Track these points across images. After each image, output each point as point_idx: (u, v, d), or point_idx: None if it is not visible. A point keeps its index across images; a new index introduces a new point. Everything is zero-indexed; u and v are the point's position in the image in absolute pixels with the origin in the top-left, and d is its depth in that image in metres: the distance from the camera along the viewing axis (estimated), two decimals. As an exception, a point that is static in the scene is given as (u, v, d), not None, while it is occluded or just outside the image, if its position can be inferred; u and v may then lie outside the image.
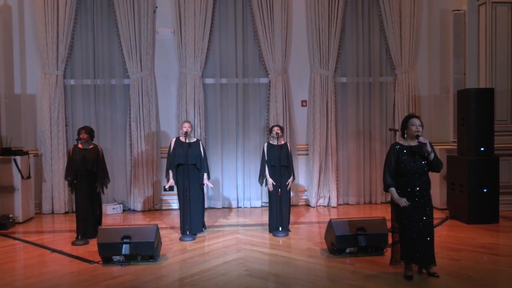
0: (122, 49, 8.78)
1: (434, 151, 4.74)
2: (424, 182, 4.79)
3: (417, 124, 4.76)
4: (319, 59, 8.99)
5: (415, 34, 9.09)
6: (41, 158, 8.64)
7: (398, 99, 9.13)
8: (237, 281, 4.89)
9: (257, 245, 6.32)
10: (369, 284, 4.73)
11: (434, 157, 4.69)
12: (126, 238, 5.46)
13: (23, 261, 5.88)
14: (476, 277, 4.90)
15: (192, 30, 8.75)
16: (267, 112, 9.08)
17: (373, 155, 9.24)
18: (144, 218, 8.30)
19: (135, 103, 8.78)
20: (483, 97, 7.40)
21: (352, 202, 9.23)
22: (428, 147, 4.67)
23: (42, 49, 8.58)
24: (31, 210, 8.31)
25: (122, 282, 4.92)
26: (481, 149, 7.34)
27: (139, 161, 8.80)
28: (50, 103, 8.60)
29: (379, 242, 5.70)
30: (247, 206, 9.13)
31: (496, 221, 7.30)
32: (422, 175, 4.77)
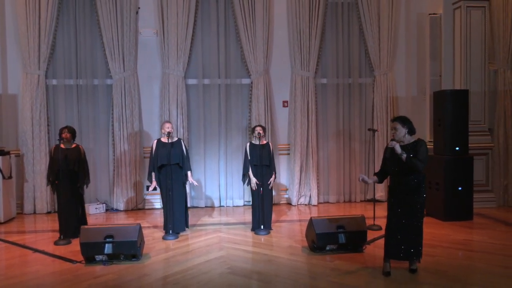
0: (105, 49, 8.67)
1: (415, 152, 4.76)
2: (407, 181, 4.82)
3: (393, 127, 4.91)
4: (300, 61, 9.03)
5: (393, 37, 9.20)
6: (23, 158, 8.49)
7: (377, 100, 9.23)
8: (219, 279, 4.89)
9: (239, 243, 6.33)
10: (348, 280, 4.78)
11: (407, 157, 4.71)
12: (108, 238, 5.41)
13: (4, 262, 5.76)
14: (451, 273, 5.00)
15: (175, 31, 8.71)
16: (249, 113, 9.09)
17: (353, 155, 9.32)
18: (127, 218, 8.22)
19: (118, 103, 8.69)
20: (458, 98, 7.53)
21: (332, 200, 9.30)
22: (397, 150, 4.74)
23: (24, 48, 8.44)
24: (13, 210, 8.16)
25: (105, 281, 4.88)
26: (456, 149, 7.47)
27: (122, 161, 8.72)
28: (32, 103, 8.46)
29: (358, 239, 5.75)
30: (230, 205, 9.13)
31: (470, 218, 7.44)
32: (404, 175, 4.82)
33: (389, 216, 4.98)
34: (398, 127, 4.86)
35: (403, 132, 4.86)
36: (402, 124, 4.87)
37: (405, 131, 4.86)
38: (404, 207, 4.85)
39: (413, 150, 4.77)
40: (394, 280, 4.77)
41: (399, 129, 4.85)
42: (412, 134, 4.91)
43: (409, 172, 4.80)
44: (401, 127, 4.85)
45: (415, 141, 4.88)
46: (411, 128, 4.90)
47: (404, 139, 4.87)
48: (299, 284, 4.74)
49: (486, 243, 6.16)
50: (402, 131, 4.86)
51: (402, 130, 4.86)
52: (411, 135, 4.90)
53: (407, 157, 4.72)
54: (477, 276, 4.96)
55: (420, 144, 4.83)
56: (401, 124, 4.87)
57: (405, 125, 4.86)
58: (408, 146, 4.82)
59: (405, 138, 4.87)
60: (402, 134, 4.86)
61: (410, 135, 4.89)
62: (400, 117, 5.01)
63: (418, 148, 4.79)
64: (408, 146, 4.82)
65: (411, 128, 4.89)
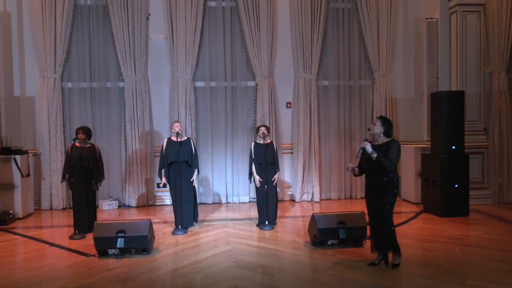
0: (117, 54, 8.70)
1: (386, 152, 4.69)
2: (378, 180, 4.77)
3: (374, 122, 4.92)
4: (302, 64, 9.00)
5: (392, 41, 9.15)
6: (40, 157, 8.53)
7: (376, 101, 9.19)
8: (225, 272, 4.88)
9: (245, 238, 6.32)
10: (349, 274, 4.76)
11: (377, 157, 4.66)
12: (121, 233, 5.42)
13: (22, 255, 5.81)
14: (447, 266, 4.95)
15: (183, 36, 8.71)
16: (254, 113, 9.08)
17: (353, 154, 9.25)
18: (139, 214, 8.24)
19: (130, 104, 8.71)
20: (454, 99, 7.48)
21: (334, 197, 9.27)
22: (367, 149, 4.72)
23: (40, 53, 8.48)
24: (30, 206, 8.21)
25: (117, 274, 4.88)
26: (452, 148, 7.41)
27: (133, 159, 8.74)
28: (48, 105, 8.49)
29: (358, 234, 5.73)
30: (236, 201, 9.12)
31: (467, 214, 7.38)
32: (375, 174, 4.78)
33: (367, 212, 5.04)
34: (378, 124, 4.82)
35: (380, 130, 4.79)
36: (382, 123, 4.81)
37: (382, 130, 4.79)
38: (374, 205, 4.85)
39: (385, 150, 4.70)
40: (392, 274, 4.74)
41: (377, 125, 4.81)
42: (388, 136, 4.81)
43: (379, 172, 4.72)
44: (380, 125, 4.80)
45: (388, 141, 4.79)
46: (388, 130, 4.81)
47: (379, 139, 4.82)
48: (302, 277, 4.72)
49: (482, 238, 6.11)
50: (379, 129, 4.80)
51: (380, 128, 4.80)
52: (386, 136, 4.80)
53: (377, 156, 4.66)
54: (473, 270, 4.92)
55: (392, 144, 4.74)
56: (382, 122, 4.82)
57: (383, 125, 4.79)
58: (382, 146, 4.75)
59: (380, 138, 4.81)
60: (378, 131, 4.80)
61: (386, 137, 4.80)
62: (384, 117, 4.95)
63: (389, 148, 4.70)
64: (382, 145, 4.76)
65: (388, 130, 4.81)
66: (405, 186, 8.88)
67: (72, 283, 4.62)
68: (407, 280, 4.58)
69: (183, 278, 4.72)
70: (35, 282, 4.68)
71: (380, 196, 4.77)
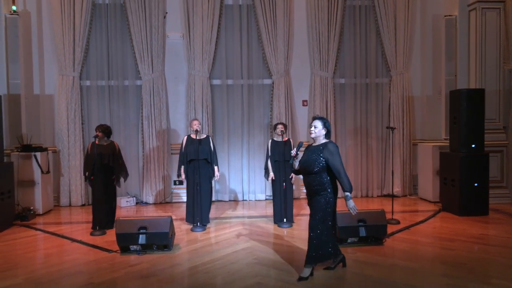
0: (135, 52, 8.76)
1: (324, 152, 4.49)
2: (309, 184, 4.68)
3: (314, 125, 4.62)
4: (319, 62, 8.99)
5: (409, 38, 9.09)
6: (59, 154, 8.64)
7: (393, 99, 9.14)
8: (247, 268, 4.91)
9: (263, 236, 6.34)
10: (370, 271, 4.75)
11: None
12: (142, 229, 5.47)
13: (45, 250, 5.88)
14: (470, 265, 4.93)
15: (200, 34, 8.74)
16: (270, 111, 9.09)
17: (370, 152, 9.25)
18: (156, 210, 8.30)
19: (147, 102, 8.77)
20: (474, 97, 7.40)
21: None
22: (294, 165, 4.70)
23: (59, 52, 8.57)
24: (50, 203, 8.32)
25: (139, 269, 4.93)
26: (472, 146, 7.35)
27: (150, 157, 8.80)
28: (67, 103, 8.59)
29: (378, 232, 5.71)
30: (252, 199, 9.14)
31: (486, 213, 7.32)
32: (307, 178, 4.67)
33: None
34: (318, 126, 4.57)
35: (322, 132, 4.57)
36: (323, 124, 4.58)
37: (324, 133, 4.58)
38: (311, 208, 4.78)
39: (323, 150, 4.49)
40: (413, 272, 4.73)
41: (318, 127, 4.56)
42: (328, 138, 4.63)
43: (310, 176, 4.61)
44: (321, 127, 4.57)
45: (325, 142, 4.57)
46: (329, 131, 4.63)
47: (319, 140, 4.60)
48: (322, 274, 4.72)
49: (503, 237, 6.05)
50: (321, 132, 4.57)
51: (321, 130, 4.56)
52: (327, 138, 4.62)
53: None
54: (497, 269, 4.88)
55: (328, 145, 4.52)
56: (322, 124, 4.58)
57: (325, 127, 4.59)
58: (320, 146, 4.54)
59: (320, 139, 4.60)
60: (320, 134, 4.58)
61: (326, 138, 4.61)
62: (322, 118, 4.66)
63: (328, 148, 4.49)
64: (320, 146, 4.54)
65: (329, 132, 4.63)
66: (422, 185, 8.84)
67: (96, 278, 4.68)
68: (430, 279, 4.55)
69: (205, 275, 4.75)
70: (60, 276, 4.75)
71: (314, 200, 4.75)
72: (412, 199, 8.99)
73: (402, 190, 9.12)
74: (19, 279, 4.68)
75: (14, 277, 4.76)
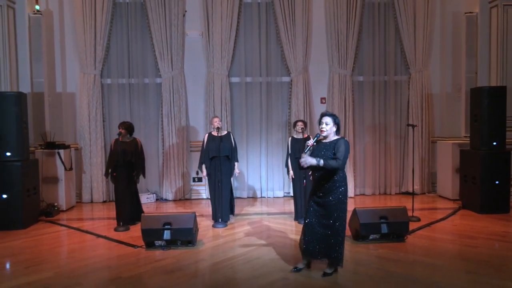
0: (155, 51, 8.88)
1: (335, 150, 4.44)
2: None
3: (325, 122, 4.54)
4: (337, 59, 9.02)
5: (429, 35, 9.07)
6: (81, 151, 8.81)
7: (412, 97, 9.14)
8: (271, 264, 4.98)
9: (284, 232, 6.41)
10: (394, 268, 4.79)
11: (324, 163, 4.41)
12: (167, 225, 5.57)
13: (71, 246, 6.02)
14: (493, 263, 4.94)
15: (219, 32, 8.83)
16: (289, 109, 9.15)
17: (388, 149, 9.27)
18: (176, 207, 8.43)
19: (167, 100, 8.89)
20: (496, 94, 7.37)
21: (368, 193, 9.28)
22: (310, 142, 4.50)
23: (81, 50, 8.72)
24: (73, 199, 8.50)
25: (166, 264, 5.04)
26: (494, 144, 7.33)
27: (170, 154, 8.93)
28: (88, 100, 8.75)
29: (400, 229, 5.75)
30: (270, 196, 9.23)
31: (507, 211, 7.30)
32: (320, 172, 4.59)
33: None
34: (330, 123, 4.51)
35: (333, 129, 4.53)
36: (333, 121, 4.54)
37: (334, 129, 4.54)
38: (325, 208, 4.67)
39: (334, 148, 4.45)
40: (436, 269, 4.76)
41: (330, 124, 4.51)
42: (338, 134, 4.60)
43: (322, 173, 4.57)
44: (332, 124, 4.52)
45: (338, 138, 4.53)
46: (339, 127, 4.60)
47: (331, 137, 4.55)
48: (346, 270, 4.77)
49: (525, 235, 6.06)
50: (332, 128, 4.52)
51: (332, 127, 4.52)
52: (337, 134, 4.58)
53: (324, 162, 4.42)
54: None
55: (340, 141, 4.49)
56: (333, 120, 4.54)
57: (335, 123, 4.55)
58: (333, 143, 4.49)
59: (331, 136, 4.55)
60: (332, 131, 4.53)
61: (337, 134, 4.57)
62: (332, 114, 4.62)
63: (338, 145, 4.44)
64: (333, 142, 4.50)
65: (339, 128, 4.60)
66: (441, 182, 8.83)
67: (125, 272, 4.79)
68: (454, 276, 4.58)
69: (230, 270, 4.85)
70: (89, 271, 4.88)
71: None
72: (431, 196, 8.99)
73: (420, 188, 9.12)
74: (49, 273, 4.81)
75: (45, 271, 4.89)
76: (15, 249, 5.80)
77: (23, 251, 5.67)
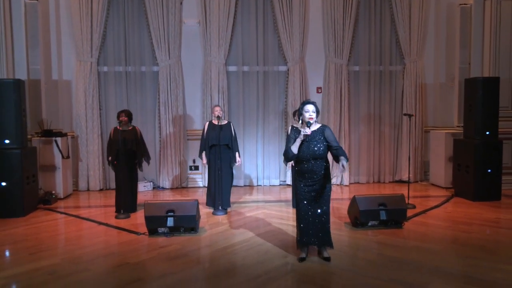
0: (152, 39, 8.83)
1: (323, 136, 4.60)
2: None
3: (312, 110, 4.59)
4: (333, 49, 9.08)
5: (423, 26, 9.17)
6: (77, 139, 8.76)
7: (406, 87, 9.26)
8: (274, 250, 5.08)
9: (284, 219, 6.51)
10: (394, 253, 4.92)
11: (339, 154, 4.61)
12: (170, 212, 5.63)
13: (73, 233, 6.02)
14: (489, 247, 5.11)
15: (217, 21, 8.81)
16: (285, 98, 9.20)
17: (383, 138, 9.40)
18: (173, 195, 8.46)
19: (164, 88, 8.87)
20: (490, 85, 7.52)
21: (363, 181, 9.42)
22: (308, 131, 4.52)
23: (77, 38, 8.63)
24: (70, 187, 8.47)
25: (171, 250, 5.10)
26: (487, 133, 7.49)
27: (167, 142, 8.94)
28: (85, 88, 8.68)
29: (398, 216, 5.89)
30: (266, 184, 9.31)
31: (498, 198, 7.49)
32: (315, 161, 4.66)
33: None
34: (315, 110, 4.60)
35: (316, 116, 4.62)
36: (316, 108, 4.62)
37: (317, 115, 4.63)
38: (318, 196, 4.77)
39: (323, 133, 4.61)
40: (436, 254, 4.90)
41: (315, 112, 4.60)
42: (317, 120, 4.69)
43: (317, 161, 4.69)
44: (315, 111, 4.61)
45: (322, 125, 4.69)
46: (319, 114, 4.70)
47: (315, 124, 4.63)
48: (349, 255, 4.90)
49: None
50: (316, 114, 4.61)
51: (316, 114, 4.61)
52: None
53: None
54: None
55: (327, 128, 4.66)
56: (315, 107, 4.62)
57: (317, 110, 4.64)
58: (319, 130, 4.62)
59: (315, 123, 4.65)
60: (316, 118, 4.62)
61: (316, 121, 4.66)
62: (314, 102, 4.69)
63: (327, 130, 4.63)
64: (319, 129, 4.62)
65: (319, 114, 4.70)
66: (434, 171, 9.01)
67: (131, 258, 4.84)
68: (453, 260, 4.74)
69: (236, 255, 4.93)
70: (95, 257, 4.93)
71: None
72: (424, 185, 9.17)
73: (413, 176, 9.29)
74: (56, 259, 4.85)
75: (52, 257, 4.92)
76: (17, 236, 5.81)
77: (26, 238, 5.68)
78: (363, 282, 4.13)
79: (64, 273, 4.43)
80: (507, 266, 4.50)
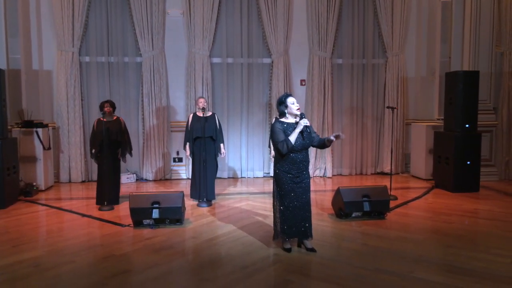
0: (135, 29, 8.70)
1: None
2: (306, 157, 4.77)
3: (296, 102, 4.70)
4: (317, 42, 9.10)
5: (405, 21, 9.26)
6: (58, 130, 8.60)
7: (389, 80, 9.36)
8: (260, 241, 5.08)
9: (269, 211, 6.36)
10: (379, 243, 4.99)
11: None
12: (155, 204, 5.58)
13: (57, 225, 5.92)
14: (469, 237, 5.23)
15: (201, 12, 8.72)
16: (269, 90, 9.20)
17: (365, 130, 9.50)
18: (157, 187, 8.40)
19: (147, 80, 8.76)
20: (469, 79, 7.66)
21: (345, 173, 9.52)
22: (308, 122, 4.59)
23: (58, 27, 8.44)
24: (51, 179, 8.31)
25: (156, 242, 5.06)
26: (466, 126, 7.64)
27: (150, 134, 8.85)
28: (66, 79, 8.51)
29: (381, 207, 5.97)
30: (250, 176, 9.32)
31: (477, 190, 7.66)
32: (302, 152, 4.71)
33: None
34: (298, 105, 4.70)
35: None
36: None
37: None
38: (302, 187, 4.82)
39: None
40: (419, 243, 4.99)
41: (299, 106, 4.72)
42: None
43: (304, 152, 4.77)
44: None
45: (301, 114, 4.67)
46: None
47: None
48: (334, 246, 4.95)
49: (495, 212, 6.39)
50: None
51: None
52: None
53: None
54: (493, 240, 5.16)
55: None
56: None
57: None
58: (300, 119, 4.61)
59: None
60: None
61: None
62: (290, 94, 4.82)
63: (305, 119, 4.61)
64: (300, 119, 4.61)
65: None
66: (415, 163, 9.16)
67: (117, 250, 4.79)
68: (436, 250, 4.84)
69: (222, 246, 4.93)
70: (81, 249, 4.85)
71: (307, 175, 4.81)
72: (404, 176, 9.32)
73: (394, 168, 9.41)
74: (40, 251, 4.76)
75: (35, 249, 4.84)
76: (-2, 228, 5.69)
77: (8, 231, 5.55)
78: (349, 272, 4.18)
79: (49, 266, 4.36)
80: (485, 255, 4.61)
